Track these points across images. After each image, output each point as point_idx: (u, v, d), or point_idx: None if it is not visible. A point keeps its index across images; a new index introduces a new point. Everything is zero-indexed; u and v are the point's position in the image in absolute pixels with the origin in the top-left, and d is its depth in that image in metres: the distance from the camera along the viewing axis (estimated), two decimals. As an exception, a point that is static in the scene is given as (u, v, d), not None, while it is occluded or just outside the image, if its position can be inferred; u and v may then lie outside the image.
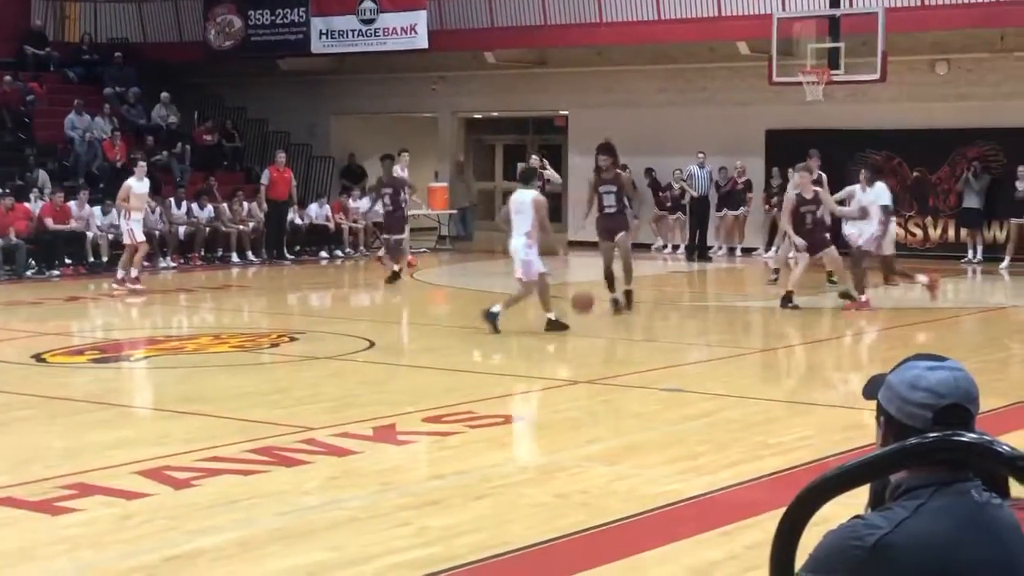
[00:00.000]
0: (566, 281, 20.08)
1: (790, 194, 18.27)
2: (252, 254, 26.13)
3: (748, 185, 27.22)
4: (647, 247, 27.44)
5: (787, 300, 17.31)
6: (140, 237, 20.68)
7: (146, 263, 24.36)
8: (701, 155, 27.03)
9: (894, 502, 2.77)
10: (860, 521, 2.75)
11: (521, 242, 15.08)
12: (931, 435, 2.58)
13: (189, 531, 7.11)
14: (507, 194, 33.84)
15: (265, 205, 26.12)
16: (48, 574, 6.56)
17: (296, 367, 13.22)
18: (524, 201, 15.18)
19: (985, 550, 2.69)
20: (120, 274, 20.47)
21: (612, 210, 16.68)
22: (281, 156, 26.98)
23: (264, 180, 26.41)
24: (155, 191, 26.31)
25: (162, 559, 6.65)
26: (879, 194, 17.75)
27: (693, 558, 6.66)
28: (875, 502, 2.92)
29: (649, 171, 28.12)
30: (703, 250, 26.82)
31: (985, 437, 2.54)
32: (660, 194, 28.15)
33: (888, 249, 17.90)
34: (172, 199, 25.74)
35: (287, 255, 26.44)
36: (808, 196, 17.55)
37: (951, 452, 2.56)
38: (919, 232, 26.40)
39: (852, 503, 2.87)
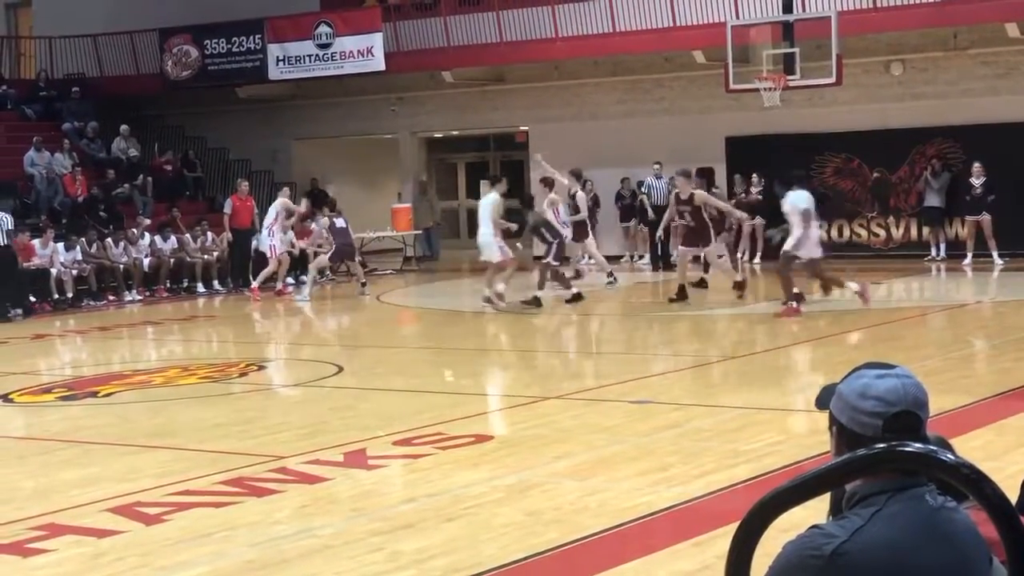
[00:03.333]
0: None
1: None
2: (218, 283, 26.04)
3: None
4: (617, 259, 27.49)
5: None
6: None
7: (112, 297, 24.35)
8: (657, 165, 27.09)
9: (850, 510, 2.81)
10: (817, 531, 2.78)
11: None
12: (878, 446, 2.61)
13: (161, 567, 7.09)
14: (471, 211, 34.15)
15: (230, 234, 26.03)
16: (21, 617, 6.53)
17: (265, 396, 13.20)
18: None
19: (940, 553, 2.72)
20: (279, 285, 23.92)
21: (692, 224, 19.67)
22: (244, 185, 26.87)
23: (227, 209, 26.32)
24: (118, 224, 26.29)
25: (135, 596, 6.63)
26: (796, 200, 17.76)
27: (667, 570, 6.69)
28: (835, 510, 2.96)
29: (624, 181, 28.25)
30: (667, 259, 26.87)
31: (930, 446, 2.57)
32: (619, 205, 28.30)
33: (812, 253, 17.87)
34: (135, 231, 25.62)
35: (253, 282, 26.31)
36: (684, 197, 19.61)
37: (897, 463, 2.59)
38: (882, 232, 26.54)
39: (821, 506, 2.90)
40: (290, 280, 27.05)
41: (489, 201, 19.89)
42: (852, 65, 23.90)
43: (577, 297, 19.82)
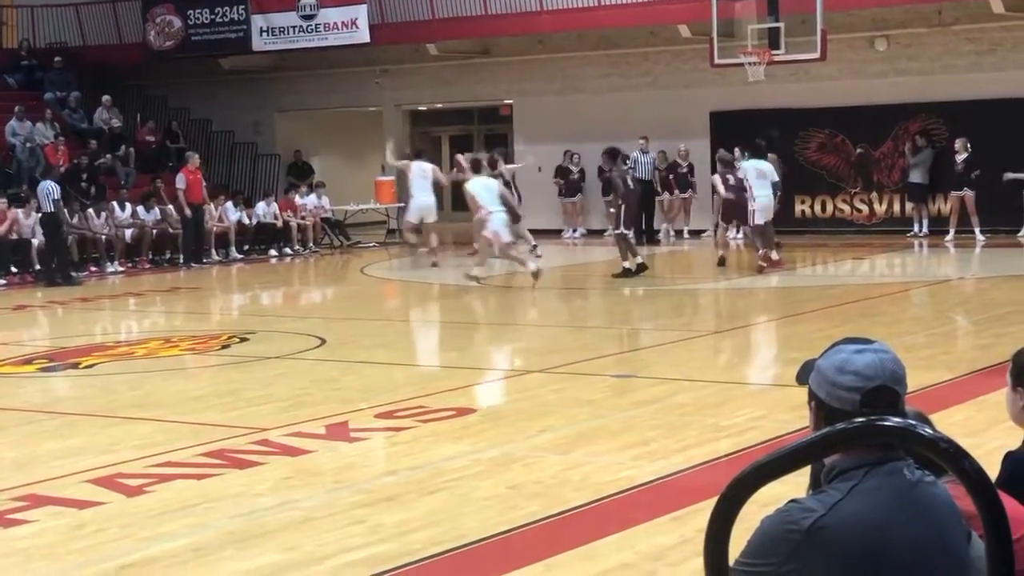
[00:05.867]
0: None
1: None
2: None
3: (691, 169, 27.32)
4: (600, 232, 27.57)
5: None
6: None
7: (93, 268, 24.29)
8: (643, 140, 27.08)
9: (828, 484, 2.82)
10: (795, 505, 2.79)
11: None
12: (856, 420, 2.62)
13: (143, 538, 7.09)
14: (455, 185, 34.05)
15: (188, 210, 25.25)
16: (1, 587, 6.53)
17: (248, 368, 13.18)
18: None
19: (917, 527, 2.74)
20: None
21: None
22: (195, 158, 26.08)
23: (180, 184, 25.44)
24: (100, 195, 26.16)
25: (116, 567, 6.63)
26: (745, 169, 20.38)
27: (647, 544, 6.71)
28: (814, 484, 2.97)
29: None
30: (651, 234, 26.92)
31: (908, 420, 2.58)
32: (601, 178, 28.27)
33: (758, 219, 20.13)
34: (115, 202, 25.49)
35: (214, 257, 26.06)
36: None
37: (876, 437, 2.60)
38: (865, 208, 26.59)
39: (799, 481, 2.91)
40: (273, 252, 27.06)
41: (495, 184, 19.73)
42: (837, 40, 23.89)
43: (641, 268, 19.78)
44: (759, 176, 20.29)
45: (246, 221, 27.19)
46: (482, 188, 19.26)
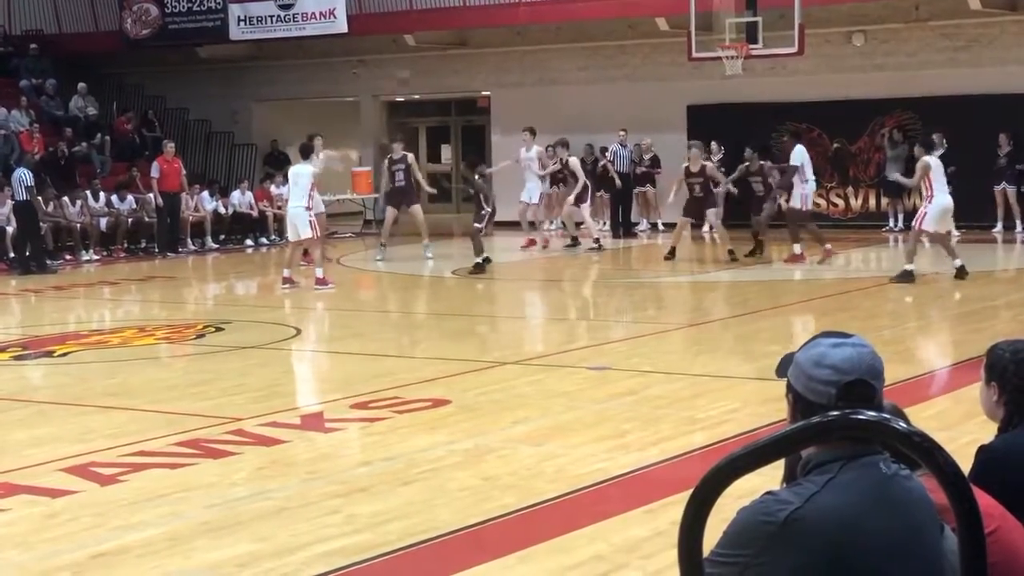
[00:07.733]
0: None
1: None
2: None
3: (656, 161, 27.29)
4: (577, 225, 27.55)
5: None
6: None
7: (68, 256, 24.20)
8: (622, 133, 27.08)
9: (804, 477, 2.83)
10: (771, 497, 2.80)
11: None
12: (831, 414, 2.63)
13: (116, 527, 7.07)
14: (431, 176, 34.03)
15: (159, 199, 25.07)
16: (-27, 576, 6.50)
17: (223, 357, 13.13)
18: None
19: (892, 521, 2.75)
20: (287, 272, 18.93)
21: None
22: (170, 146, 25.95)
23: (154, 173, 25.28)
24: (75, 183, 26.02)
25: (89, 556, 6.61)
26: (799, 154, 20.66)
27: (620, 536, 6.72)
28: (790, 477, 2.98)
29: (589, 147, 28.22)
30: (628, 226, 26.93)
31: (882, 414, 2.59)
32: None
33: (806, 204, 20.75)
34: (88, 191, 25.35)
35: (190, 246, 25.99)
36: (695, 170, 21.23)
37: (850, 430, 2.61)
38: (841, 202, 26.66)
39: (775, 473, 2.91)
40: (249, 242, 27.00)
41: (307, 172, 18.72)
42: (814, 35, 23.94)
43: (479, 268, 19.88)
44: (807, 163, 21.04)
45: (222, 211, 27.12)
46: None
